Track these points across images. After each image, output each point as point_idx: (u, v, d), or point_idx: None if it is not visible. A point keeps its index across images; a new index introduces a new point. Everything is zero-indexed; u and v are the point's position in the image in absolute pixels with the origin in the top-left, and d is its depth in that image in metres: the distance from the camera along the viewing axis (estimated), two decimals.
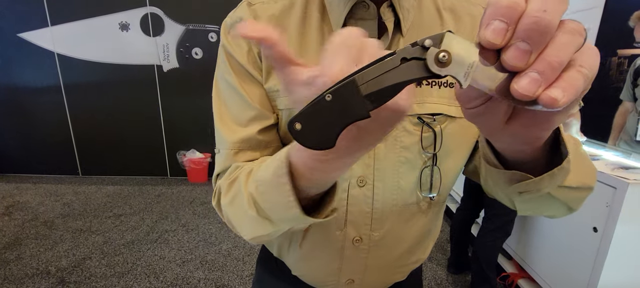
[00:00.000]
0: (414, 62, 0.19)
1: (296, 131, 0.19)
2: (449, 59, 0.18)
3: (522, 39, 0.16)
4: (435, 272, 1.94)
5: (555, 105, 0.16)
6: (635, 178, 1.14)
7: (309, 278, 0.52)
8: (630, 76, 1.80)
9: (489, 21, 0.16)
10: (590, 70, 0.17)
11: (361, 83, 0.19)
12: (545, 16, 0.15)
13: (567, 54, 0.16)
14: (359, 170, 0.43)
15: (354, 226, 0.46)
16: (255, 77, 0.43)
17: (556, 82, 0.16)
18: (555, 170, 0.28)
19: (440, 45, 0.18)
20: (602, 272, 1.21)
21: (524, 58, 0.16)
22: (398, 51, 0.19)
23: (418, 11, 0.42)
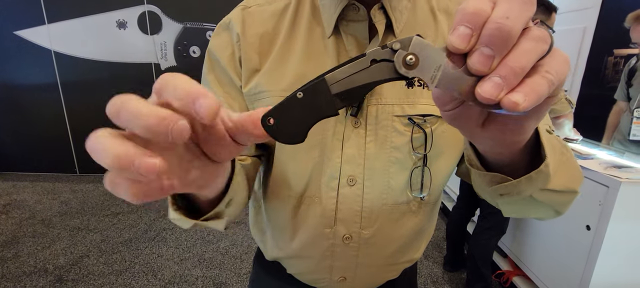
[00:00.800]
0: (384, 64, 0.20)
1: (269, 126, 0.20)
2: (415, 62, 0.19)
3: (485, 44, 0.17)
4: (431, 269, 1.96)
5: (516, 108, 0.16)
6: (628, 177, 1.15)
7: (303, 277, 0.53)
8: (625, 76, 1.80)
9: (456, 26, 0.17)
10: (556, 75, 0.17)
11: (331, 83, 0.20)
12: (508, 23, 0.16)
13: (530, 60, 0.17)
14: (349, 169, 0.43)
15: (344, 224, 0.46)
16: (235, 83, 0.44)
17: (518, 87, 0.17)
18: (533, 174, 0.28)
19: (408, 49, 0.19)
20: (595, 269, 1.23)
21: (487, 63, 0.17)
22: (368, 53, 0.20)
23: (412, 13, 0.42)
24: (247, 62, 0.43)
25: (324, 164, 0.44)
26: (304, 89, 0.20)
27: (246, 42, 0.43)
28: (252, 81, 0.43)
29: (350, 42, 0.42)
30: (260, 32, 0.43)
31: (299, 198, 0.47)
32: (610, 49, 2.48)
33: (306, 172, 0.44)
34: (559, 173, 0.34)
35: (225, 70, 0.44)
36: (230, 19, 0.45)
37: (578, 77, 2.74)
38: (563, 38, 2.91)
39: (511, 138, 0.23)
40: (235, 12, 0.45)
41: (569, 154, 0.38)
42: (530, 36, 0.17)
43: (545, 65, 0.17)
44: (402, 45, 0.19)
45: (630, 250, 1.22)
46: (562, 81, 0.18)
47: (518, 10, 0.16)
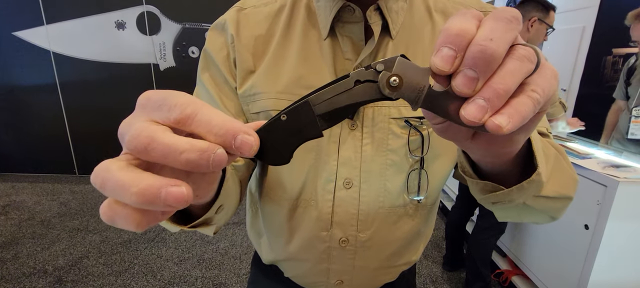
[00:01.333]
0: (367, 85, 0.19)
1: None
2: (399, 83, 0.19)
3: (469, 66, 0.16)
4: (430, 269, 1.96)
5: (500, 132, 0.16)
6: (626, 176, 1.15)
7: (300, 280, 0.53)
8: (624, 75, 1.79)
9: (439, 47, 0.17)
10: (543, 93, 0.17)
11: (315, 104, 0.20)
12: (491, 45, 0.16)
13: (515, 81, 0.16)
14: (345, 171, 0.43)
15: (341, 227, 0.46)
16: (230, 83, 0.44)
17: (503, 108, 0.17)
18: (524, 183, 0.28)
19: (392, 70, 0.19)
20: (593, 268, 1.23)
21: (471, 85, 0.16)
22: (352, 73, 0.20)
23: (408, 13, 0.42)
24: (241, 63, 0.43)
25: (320, 167, 0.44)
26: (288, 111, 0.20)
27: (240, 44, 0.43)
28: (247, 82, 0.43)
29: (346, 44, 0.41)
30: (255, 34, 0.43)
31: (294, 202, 0.46)
32: (609, 49, 2.48)
33: (302, 175, 0.44)
34: (553, 179, 0.34)
35: (220, 70, 0.44)
36: (225, 19, 0.45)
37: (577, 76, 2.74)
38: (562, 37, 2.91)
39: (501, 150, 0.23)
40: (230, 13, 0.45)
41: (564, 160, 0.37)
42: (516, 56, 0.17)
43: (532, 84, 0.17)
44: (386, 66, 0.19)
45: (628, 249, 1.23)
46: (550, 97, 0.18)
47: (502, 31, 0.16)
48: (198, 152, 0.16)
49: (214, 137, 0.17)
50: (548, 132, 0.42)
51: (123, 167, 0.16)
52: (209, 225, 0.33)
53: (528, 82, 0.17)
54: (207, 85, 0.45)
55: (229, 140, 0.17)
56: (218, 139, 0.16)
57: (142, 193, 0.15)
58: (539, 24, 1.43)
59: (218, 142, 0.16)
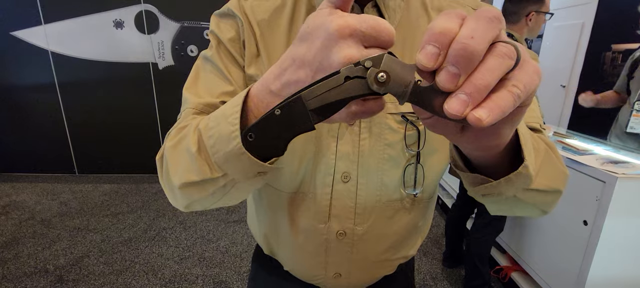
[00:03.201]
0: (357, 80, 0.20)
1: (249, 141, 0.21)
2: (387, 79, 0.20)
3: (451, 63, 0.17)
4: (430, 266, 1.97)
5: (480, 124, 0.17)
6: (624, 172, 1.16)
7: (299, 273, 0.54)
8: (627, 68, 1.74)
9: (424, 45, 0.18)
10: (524, 88, 0.18)
11: (307, 99, 0.21)
12: (472, 43, 0.17)
13: (494, 76, 0.17)
14: (343, 165, 0.44)
15: (338, 220, 0.47)
16: (238, 61, 0.44)
17: (484, 102, 0.17)
18: (512, 176, 0.29)
19: (379, 66, 0.20)
20: (592, 263, 1.24)
21: (453, 80, 0.17)
22: (342, 70, 0.21)
23: (405, 11, 0.43)
24: (249, 46, 0.43)
25: (318, 161, 0.44)
26: (281, 106, 0.21)
27: (248, 27, 0.43)
28: (252, 66, 0.44)
29: None
30: (257, 20, 0.43)
31: (293, 194, 0.47)
32: (608, 45, 2.48)
33: (301, 168, 0.45)
34: (543, 173, 0.34)
35: (229, 49, 0.44)
36: (228, 7, 0.45)
37: (576, 72, 2.74)
38: (561, 34, 2.91)
39: (488, 143, 0.24)
40: (232, 2, 0.45)
41: (554, 155, 0.38)
42: (496, 53, 0.17)
43: (513, 79, 0.18)
44: (374, 63, 0.20)
45: (626, 244, 1.23)
46: (531, 92, 0.19)
47: (483, 30, 0.17)
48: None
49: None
50: (541, 128, 0.43)
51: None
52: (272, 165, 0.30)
53: (509, 77, 0.18)
54: (213, 59, 0.44)
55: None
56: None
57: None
58: (536, 15, 1.43)
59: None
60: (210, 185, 0.33)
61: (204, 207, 0.37)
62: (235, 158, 0.27)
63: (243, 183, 0.31)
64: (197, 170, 0.32)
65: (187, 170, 0.33)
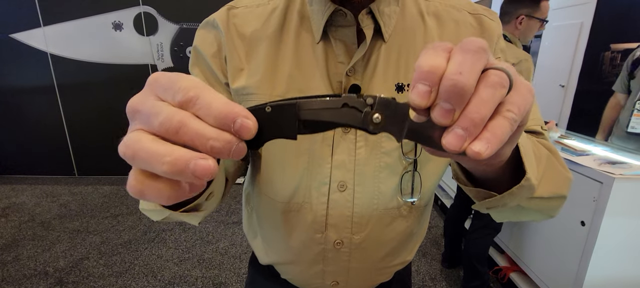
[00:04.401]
0: (353, 111, 0.20)
1: None
2: (381, 121, 0.20)
3: (444, 99, 0.17)
4: (429, 266, 1.97)
5: (480, 157, 0.17)
6: (621, 173, 1.16)
7: (297, 281, 0.54)
8: (627, 67, 1.68)
9: (415, 84, 0.18)
10: (518, 111, 0.18)
11: (302, 109, 0.21)
12: (461, 79, 0.17)
13: (489, 108, 0.17)
14: (339, 174, 0.44)
15: (335, 229, 0.46)
16: (220, 79, 0.44)
17: (481, 134, 0.17)
18: (514, 189, 0.29)
19: (374, 107, 0.20)
20: (590, 263, 1.24)
21: (448, 116, 0.17)
22: (343, 96, 0.21)
23: (401, 17, 0.42)
24: (231, 60, 0.43)
25: (313, 170, 0.44)
26: (274, 105, 0.21)
27: (230, 41, 0.43)
28: (238, 80, 0.43)
29: (338, 47, 0.42)
30: (245, 32, 0.43)
31: (288, 204, 0.47)
32: (607, 44, 2.48)
33: (295, 178, 0.45)
34: (546, 180, 0.34)
35: (210, 66, 0.44)
36: (214, 17, 0.45)
37: (575, 72, 2.74)
38: (560, 33, 2.91)
39: (488, 161, 0.24)
40: (220, 12, 0.45)
41: (556, 160, 0.38)
42: (488, 83, 0.17)
43: (507, 103, 0.18)
44: (373, 102, 0.20)
45: (624, 245, 1.23)
46: (526, 112, 0.19)
47: (470, 63, 0.17)
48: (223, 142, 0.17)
49: (213, 119, 0.17)
50: (542, 130, 0.43)
51: (154, 139, 0.17)
52: (198, 211, 0.33)
53: (503, 101, 0.18)
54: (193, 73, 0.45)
55: (228, 124, 0.17)
56: (217, 122, 0.17)
57: (175, 163, 0.16)
58: (528, 20, 1.37)
59: (217, 125, 0.17)
60: (160, 212, 0.35)
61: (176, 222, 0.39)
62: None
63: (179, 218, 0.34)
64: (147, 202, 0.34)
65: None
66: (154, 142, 0.17)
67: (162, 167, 0.16)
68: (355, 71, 0.41)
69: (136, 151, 0.17)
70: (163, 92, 0.18)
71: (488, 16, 0.44)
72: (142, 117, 0.18)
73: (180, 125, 0.17)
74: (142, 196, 0.17)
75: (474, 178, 0.33)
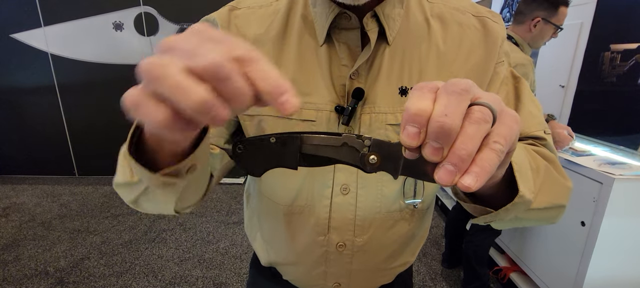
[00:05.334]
0: (353, 150, 0.22)
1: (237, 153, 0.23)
2: (377, 161, 0.21)
3: (433, 139, 0.19)
4: (429, 266, 1.97)
5: (470, 190, 0.19)
6: (621, 173, 1.16)
7: (298, 282, 0.54)
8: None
9: (404, 125, 0.19)
10: (505, 141, 0.19)
11: (304, 142, 0.22)
12: (447, 120, 0.18)
13: (475, 143, 0.19)
14: (342, 177, 0.44)
15: (338, 232, 0.47)
16: None
17: (470, 168, 0.19)
18: (509, 206, 0.30)
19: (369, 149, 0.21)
20: (590, 264, 1.24)
21: (438, 153, 0.19)
22: (344, 135, 0.22)
23: (405, 20, 0.42)
24: None
25: (316, 173, 0.44)
26: (279, 136, 0.22)
27: None
28: None
29: (342, 50, 0.42)
30: (246, 34, 0.43)
31: (290, 207, 0.47)
32: (607, 45, 2.48)
33: (298, 181, 0.45)
34: (543, 191, 0.35)
35: None
36: (214, 17, 0.44)
37: (575, 72, 2.74)
38: (560, 34, 2.91)
39: None
40: (221, 11, 0.44)
41: (555, 170, 0.38)
42: (473, 120, 0.19)
43: (494, 135, 0.19)
44: (371, 144, 0.22)
45: (624, 245, 1.24)
46: (512, 141, 0.20)
47: (455, 105, 0.19)
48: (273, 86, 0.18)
49: (265, 84, 0.17)
50: (545, 135, 0.43)
51: (183, 70, 0.16)
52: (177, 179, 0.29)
53: (490, 133, 0.19)
54: None
55: (276, 93, 0.18)
56: (268, 87, 0.18)
57: (204, 101, 0.16)
58: (543, 24, 1.33)
59: (266, 90, 0.18)
60: (135, 188, 0.33)
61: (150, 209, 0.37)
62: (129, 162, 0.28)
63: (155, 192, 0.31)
64: (123, 172, 0.34)
65: (119, 171, 0.35)
66: (182, 73, 0.16)
67: (188, 102, 0.16)
68: (359, 74, 0.41)
69: (162, 76, 0.16)
70: (216, 43, 0.17)
71: (492, 19, 0.44)
72: (181, 52, 0.17)
73: (230, 75, 0.16)
74: (136, 109, 0.17)
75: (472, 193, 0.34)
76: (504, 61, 0.44)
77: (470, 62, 0.42)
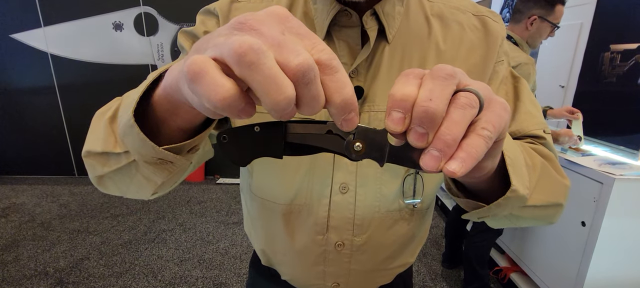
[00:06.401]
0: (337, 138, 0.21)
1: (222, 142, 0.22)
2: (362, 148, 0.21)
3: (417, 124, 0.18)
4: (429, 266, 1.97)
5: (455, 176, 0.18)
6: (622, 173, 1.16)
7: (298, 283, 0.54)
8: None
9: (389, 111, 0.19)
10: (493, 128, 0.19)
11: (288, 131, 0.22)
12: (431, 105, 0.18)
13: (460, 128, 0.18)
14: (341, 176, 0.44)
15: (336, 231, 0.46)
16: None
17: (456, 153, 0.18)
18: (501, 200, 0.30)
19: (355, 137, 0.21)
20: (590, 264, 1.24)
21: (423, 139, 0.19)
22: (328, 122, 0.22)
23: (405, 18, 0.42)
24: None
25: (315, 172, 0.44)
26: (263, 125, 0.22)
27: None
28: None
29: (342, 48, 0.41)
30: None
31: (288, 206, 0.47)
32: (606, 45, 2.48)
33: (296, 180, 0.45)
34: (539, 189, 0.34)
35: None
36: (214, 6, 0.44)
37: (575, 72, 2.75)
38: (560, 34, 2.91)
39: (473, 174, 0.25)
40: (222, 2, 0.44)
41: (552, 168, 0.38)
42: (458, 105, 0.19)
43: (482, 121, 0.19)
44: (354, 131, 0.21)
45: (624, 245, 1.24)
46: (501, 129, 0.20)
47: (440, 89, 0.18)
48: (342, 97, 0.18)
49: (338, 96, 0.18)
50: (544, 134, 0.43)
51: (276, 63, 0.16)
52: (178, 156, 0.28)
53: (478, 119, 0.19)
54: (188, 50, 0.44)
55: (345, 110, 0.18)
56: (341, 102, 0.18)
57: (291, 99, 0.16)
58: (540, 21, 1.34)
59: (337, 103, 0.18)
60: (113, 161, 0.31)
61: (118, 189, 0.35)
62: (129, 130, 0.26)
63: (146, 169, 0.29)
64: (104, 140, 0.31)
65: (96, 138, 0.32)
66: (278, 68, 0.16)
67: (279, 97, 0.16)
68: (359, 72, 0.41)
69: (257, 62, 0.15)
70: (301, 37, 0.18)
71: (492, 18, 0.43)
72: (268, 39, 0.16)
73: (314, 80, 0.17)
74: (199, 77, 0.16)
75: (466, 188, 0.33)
76: (503, 60, 0.44)
77: (470, 61, 0.42)
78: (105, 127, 0.31)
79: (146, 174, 0.30)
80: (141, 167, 0.29)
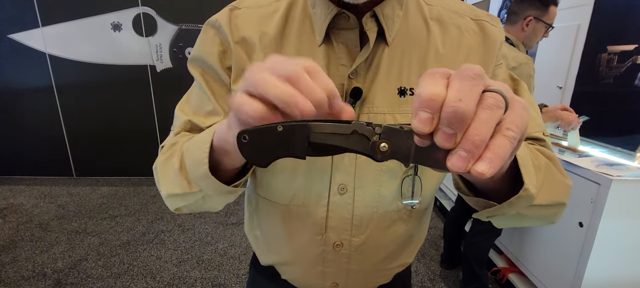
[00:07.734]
0: (362, 138, 0.21)
1: (242, 141, 0.22)
2: (388, 149, 0.21)
3: (446, 125, 0.18)
4: (428, 267, 1.98)
5: (484, 177, 0.18)
6: (619, 174, 1.17)
7: (297, 282, 0.54)
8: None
9: (416, 111, 0.19)
10: (517, 129, 0.19)
11: (312, 131, 0.21)
12: (461, 105, 0.18)
13: (488, 129, 0.18)
14: (340, 177, 0.44)
15: (335, 231, 0.47)
16: (224, 79, 0.45)
17: (483, 154, 0.18)
18: (513, 199, 0.30)
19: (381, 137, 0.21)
20: (588, 265, 1.25)
21: (451, 139, 0.18)
22: (353, 123, 0.21)
23: (404, 21, 0.42)
24: (237, 62, 0.43)
25: (314, 173, 0.44)
26: (286, 125, 0.21)
27: (234, 42, 0.43)
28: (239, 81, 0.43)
29: (341, 50, 0.42)
30: (247, 34, 0.43)
31: (288, 206, 0.47)
32: (604, 46, 2.50)
33: (294, 180, 0.45)
34: (545, 188, 0.35)
35: (213, 67, 0.44)
36: (216, 18, 0.45)
37: (573, 73, 2.76)
38: (557, 35, 2.92)
39: None
40: (223, 12, 0.45)
41: (555, 168, 0.39)
42: (486, 106, 0.19)
43: (506, 122, 0.19)
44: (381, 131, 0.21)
45: (621, 246, 1.24)
46: (524, 129, 0.20)
47: (469, 90, 0.18)
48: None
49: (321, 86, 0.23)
50: (544, 136, 0.43)
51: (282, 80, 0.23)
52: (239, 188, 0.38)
53: (502, 120, 0.19)
54: (200, 81, 0.45)
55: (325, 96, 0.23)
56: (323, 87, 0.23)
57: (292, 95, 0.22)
58: (535, 22, 1.36)
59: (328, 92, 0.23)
60: (190, 197, 0.40)
61: (191, 211, 0.44)
62: (205, 179, 0.35)
63: (218, 198, 0.39)
64: (179, 185, 0.39)
65: (172, 183, 0.40)
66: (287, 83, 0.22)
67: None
68: (358, 74, 0.41)
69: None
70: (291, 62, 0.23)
71: (490, 22, 0.44)
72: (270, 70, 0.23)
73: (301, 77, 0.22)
74: (241, 107, 0.22)
75: (475, 187, 0.34)
76: (502, 64, 0.45)
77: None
78: (176, 175, 0.40)
79: (217, 201, 0.41)
80: (214, 197, 0.39)
